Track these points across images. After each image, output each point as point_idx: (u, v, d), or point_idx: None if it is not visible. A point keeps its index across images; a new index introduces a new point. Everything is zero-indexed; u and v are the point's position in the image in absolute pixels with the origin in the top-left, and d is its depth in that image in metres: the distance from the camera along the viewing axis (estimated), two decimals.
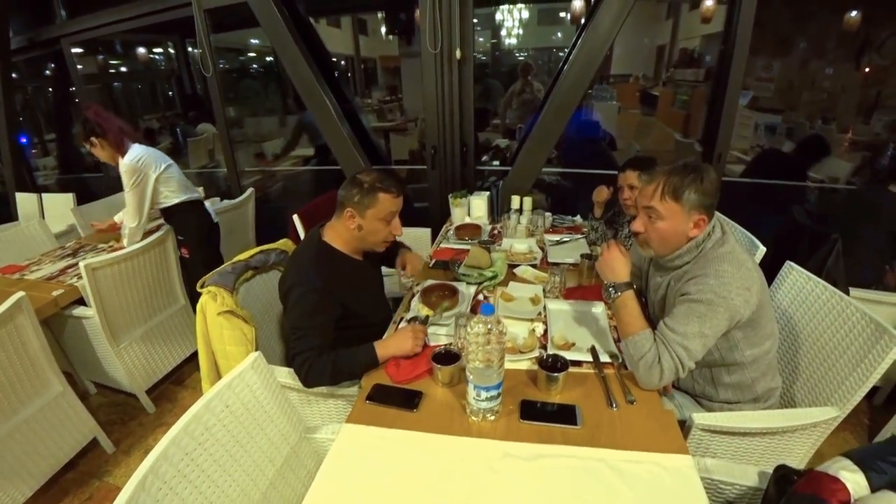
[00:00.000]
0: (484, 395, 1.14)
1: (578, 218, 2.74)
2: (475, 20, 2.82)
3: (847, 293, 1.58)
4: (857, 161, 3.61)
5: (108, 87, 5.56)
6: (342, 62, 6.50)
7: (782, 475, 1.03)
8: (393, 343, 1.41)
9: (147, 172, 2.38)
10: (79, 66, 4.24)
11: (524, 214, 2.54)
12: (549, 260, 2.14)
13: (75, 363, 2.47)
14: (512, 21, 5.37)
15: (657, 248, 1.38)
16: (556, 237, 2.43)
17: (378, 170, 1.56)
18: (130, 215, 2.45)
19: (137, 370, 2.38)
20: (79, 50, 4.24)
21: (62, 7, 4.01)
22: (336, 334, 1.47)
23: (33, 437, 1.85)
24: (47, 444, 1.91)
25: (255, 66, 6.23)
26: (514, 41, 5.48)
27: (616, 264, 1.40)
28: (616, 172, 2.13)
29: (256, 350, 1.22)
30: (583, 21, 3.77)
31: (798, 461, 1.44)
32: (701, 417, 1.28)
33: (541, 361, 1.28)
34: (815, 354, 1.53)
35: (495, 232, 2.56)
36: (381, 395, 1.27)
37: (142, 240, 2.34)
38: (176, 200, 2.51)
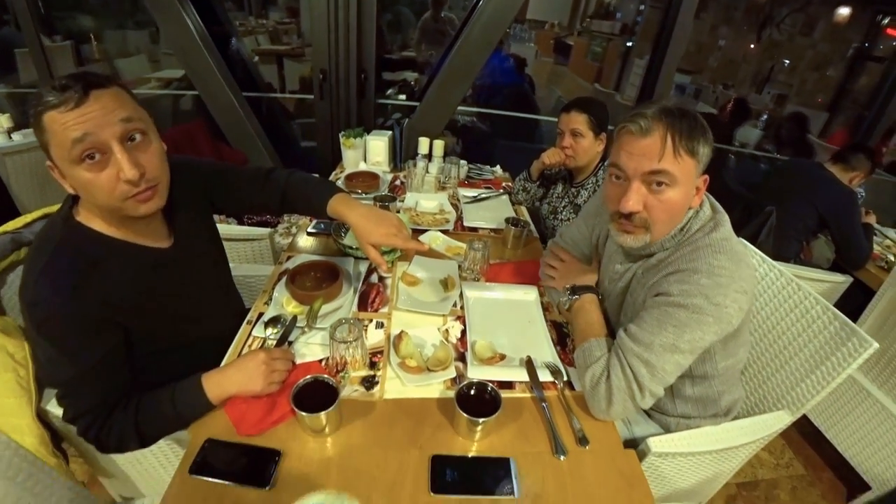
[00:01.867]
0: None
1: (498, 169, 2.34)
2: None
3: None
4: (758, 127, 3.80)
5: None
6: None
7: None
8: (235, 378, 0.91)
9: None
10: None
11: (434, 162, 2.09)
12: (465, 223, 1.74)
13: None
14: None
15: (659, 233, 0.96)
16: (473, 192, 2.02)
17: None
18: None
19: None
20: None
21: None
22: (141, 364, 0.92)
23: None
24: None
25: None
26: None
27: (578, 272, 1.22)
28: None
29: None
30: None
31: (735, 465, 1.28)
32: (658, 443, 1.01)
33: (459, 395, 0.87)
34: (762, 351, 1.35)
35: (397, 183, 2.08)
36: (214, 462, 0.79)
37: None
38: None
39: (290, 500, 0.71)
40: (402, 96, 3.17)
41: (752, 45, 4.15)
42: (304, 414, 0.80)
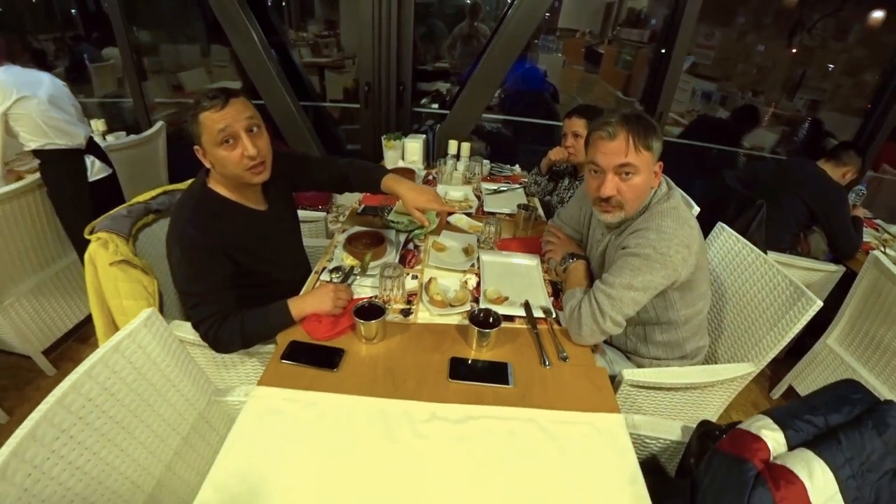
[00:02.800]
0: None
1: (517, 168, 2.66)
2: None
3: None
4: (780, 133, 3.84)
5: None
6: None
7: (704, 431, 1.04)
8: (311, 301, 1.26)
9: None
10: None
11: (461, 161, 2.43)
12: (485, 209, 2.06)
13: None
14: None
15: (631, 209, 1.26)
16: (494, 186, 2.35)
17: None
18: None
19: (29, 329, 2.09)
20: None
21: None
22: (239, 293, 1.28)
23: None
24: None
25: None
26: None
27: (571, 245, 1.54)
28: (557, 124, 2.05)
29: (160, 305, 1.06)
30: None
31: (713, 412, 1.52)
32: (630, 373, 1.29)
33: (472, 316, 1.21)
34: (737, 313, 1.58)
35: (430, 178, 2.43)
36: (297, 354, 1.15)
37: (20, 179, 1.98)
38: (34, 145, 2.03)
39: (350, 379, 1.06)
40: (435, 105, 3.54)
41: (783, 51, 4.11)
42: (361, 321, 1.15)
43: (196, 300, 1.21)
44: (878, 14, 4.26)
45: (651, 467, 1.21)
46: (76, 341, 2.41)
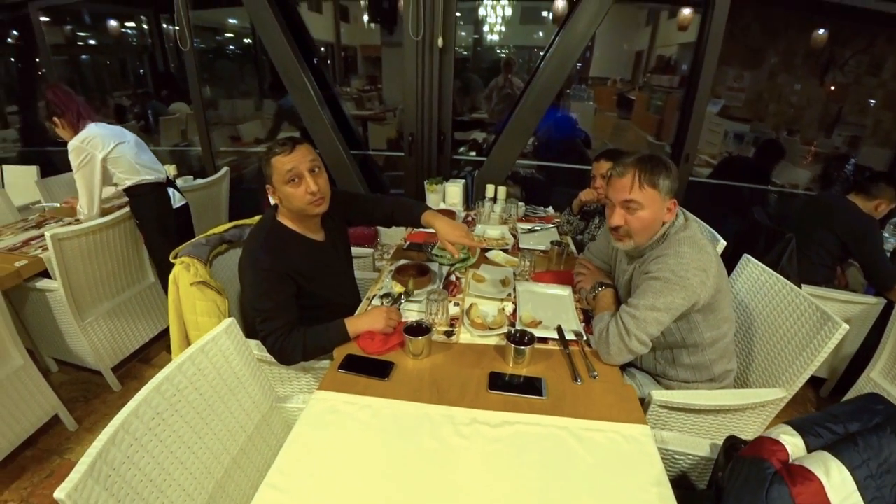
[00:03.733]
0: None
1: (551, 209, 2.80)
2: (458, 14, 2.85)
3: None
4: (818, 170, 3.83)
5: (75, 60, 5.36)
6: (322, 49, 6.41)
7: (730, 445, 1.10)
8: (365, 320, 1.43)
9: (93, 153, 2.22)
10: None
11: (498, 203, 2.60)
12: (521, 246, 2.19)
13: (36, 338, 2.40)
14: (494, 17, 5.40)
15: (639, 239, 1.40)
16: (528, 226, 2.49)
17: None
18: (82, 199, 2.34)
19: (103, 346, 2.33)
20: (45, 18, 4.07)
21: None
22: (300, 314, 1.47)
23: None
24: (6, 420, 1.86)
25: (231, 47, 6.08)
26: (495, 38, 5.51)
27: (600, 275, 1.68)
28: (588, 168, 2.20)
29: None
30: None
31: (748, 438, 1.53)
32: (659, 394, 1.37)
33: (509, 336, 1.33)
34: (767, 340, 1.62)
35: (469, 218, 2.60)
36: (353, 365, 1.30)
37: (114, 212, 2.28)
38: (129, 182, 2.34)
39: (399, 388, 1.20)
40: (473, 153, 3.78)
41: (816, 90, 4.10)
42: (410, 338, 1.29)
43: (265, 315, 1.39)
44: None
45: (681, 483, 1.27)
46: (140, 361, 2.65)
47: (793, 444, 0.94)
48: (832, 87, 3.93)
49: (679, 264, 1.28)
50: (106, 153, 2.24)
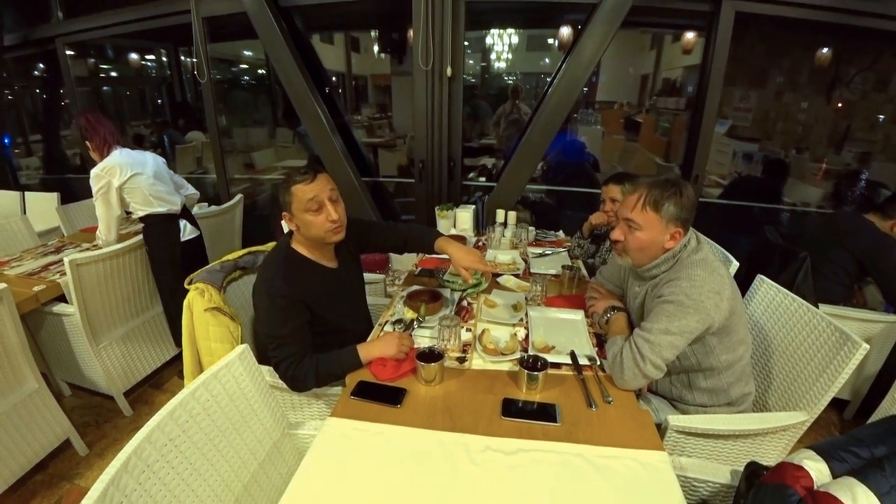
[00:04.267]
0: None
1: (561, 233, 2.80)
2: (466, 42, 2.92)
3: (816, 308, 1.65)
4: (829, 188, 3.81)
5: (98, 91, 5.54)
6: (334, 78, 6.57)
7: (752, 471, 1.07)
8: (378, 346, 1.43)
9: (110, 181, 2.27)
10: None
11: (508, 228, 2.60)
12: (532, 270, 2.19)
13: (51, 362, 2.42)
14: (502, 45, 5.51)
15: (634, 257, 1.44)
16: (539, 250, 2.49)
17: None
18: (101, 225, 2.40)
19: (116, 371, 2.34)
20: (71, 52, 4.23)
21: (59, 7, 4.01)
22: (313, 340, 1.47)
23: (4, 434, 1.81)
24: (19, 444, 1.87)
25: (246, 77, 6.26)
26: (503, 65, 5.61)
27: (611, 299, 1.66)
28: (597, 191, 2.21)
29: None
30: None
31: (770, 464, 1.49)
32: (676, 419, 1.34)
33: (522, 361, 1.32)
34: (785, 362, 1.59)
35: (480, 244, 2.61)
36: (365, 392, 1.29)
37: (131, 238, 2.33)
38: (142, 213, 2.39)
39: (412, 415, 1.19)
40: (482, 178, 3.81)
41: (823, 107, 4.10)
42: (422, 364, 1.29)
43: (279, 342, 1.39)
44: None
45: None
46: (151, 387, 2.66)
47: (817, 469, 0.91)
48: (839, 105, 3.94)
49: (692, 287, 1.27)
50: (122, 182, 2.29)
